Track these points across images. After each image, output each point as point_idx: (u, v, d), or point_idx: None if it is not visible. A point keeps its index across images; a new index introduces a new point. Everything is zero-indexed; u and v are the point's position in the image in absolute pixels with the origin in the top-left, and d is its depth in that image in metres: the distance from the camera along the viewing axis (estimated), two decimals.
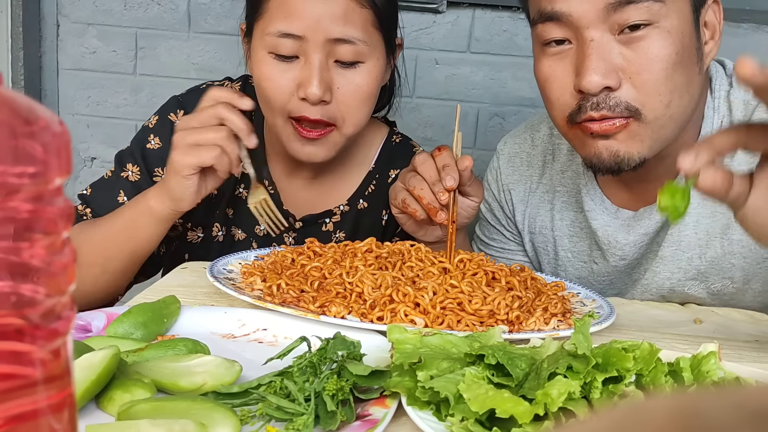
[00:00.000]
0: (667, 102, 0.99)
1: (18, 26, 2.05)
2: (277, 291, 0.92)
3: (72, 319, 0.39)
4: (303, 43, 1.10)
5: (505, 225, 1.33)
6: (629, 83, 0.98)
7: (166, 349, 0.73)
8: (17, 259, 0.36)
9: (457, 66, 2.01)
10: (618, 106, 0.98)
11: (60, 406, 0.38)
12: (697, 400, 0.21)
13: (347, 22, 1.11)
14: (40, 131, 0.36)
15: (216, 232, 1.29)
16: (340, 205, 1.30)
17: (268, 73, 1.13)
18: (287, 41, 1.10)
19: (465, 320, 0.86)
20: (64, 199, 0.38)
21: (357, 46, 1.12)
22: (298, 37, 1.10)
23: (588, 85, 0.97)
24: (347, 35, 1.11)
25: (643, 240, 1.16)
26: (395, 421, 0.64)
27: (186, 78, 2.07)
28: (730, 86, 1.11)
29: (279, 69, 1.12)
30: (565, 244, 1.25)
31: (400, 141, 1.35)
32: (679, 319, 1.04)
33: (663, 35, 0.96)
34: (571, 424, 0.24)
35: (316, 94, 1.09)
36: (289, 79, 1.12)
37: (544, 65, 1.03)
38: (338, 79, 1.13)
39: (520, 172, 1.30)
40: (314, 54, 1.10)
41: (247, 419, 0.62)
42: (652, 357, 0.65)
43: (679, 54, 0.97)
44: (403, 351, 0.66)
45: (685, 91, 1.00)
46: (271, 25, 1.11)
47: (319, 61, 1.10)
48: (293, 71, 1.12)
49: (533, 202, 1.29)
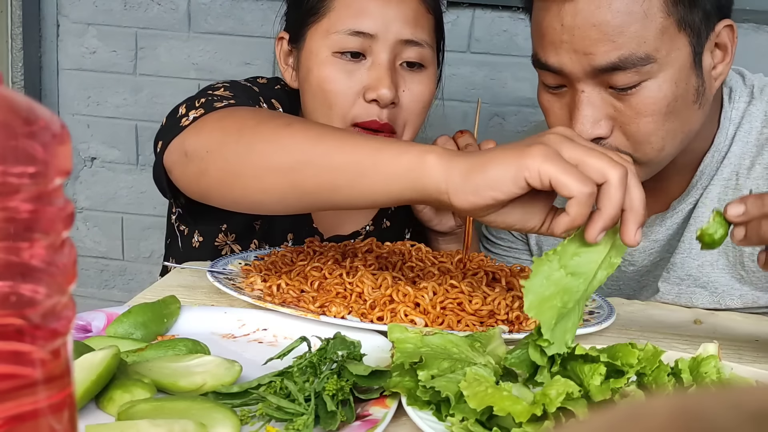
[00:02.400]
0: (660, 148, 0.99)
1: (18, 26, 2.05)
2: (277, 291, 0.92)
3: (72, 319, 0.39)
4: (373, 43, 1.08)
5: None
6: (620, 132, 0.98)
7: (166, 349, 0.73)
8: (17, 259, 0.36)
9: (457, 66, 2.01)
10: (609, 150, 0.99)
11: (60, 406, 0.38)
12: (697, 401, 0.21)
13: (417, 24, 1.10)
14: (40, 131, 0.36)
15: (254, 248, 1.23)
16: (366, 225, 1.28)
17: (333, 75, 1.09)
18: (357, 39, 1.07)
19: (465, 320, 0.86)
20: (64, 199, 0.38)
21: (424, 50, 1.11)
22: (369, 35, 1.07)
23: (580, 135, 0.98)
24: (417, 37, 1.09)
25: (653, 247, 1.16)
26: (395, 421, 0.64)
27: (186, 78, 2.07)
28: (751, 97, 1.10)
29: (345, 70, 1.09)
30: None
31: None
32: (679, 319, 1.04)
33: (654, 90, 0.95)
34: (571, 424, 0.24)
35: (388, 95, 1.06)
36: (356, 82, 1.08)
37: (544, 99, 1.04)
38: (403, 82, 1.10)
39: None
40: (384, 53, 1.08)
41: (247, 419, 0.62)
42: (656, 358, 0.65)
43: (671, 104, 0.96)
44: (404, 350, 0.66)
45: (679, 132, 0.99)
46: (339, 23, 1.08)
47: (388, 61, 1.08)
48: (360, 73, 1.08)
49: None
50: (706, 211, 1.10)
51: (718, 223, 0.76)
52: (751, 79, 1.12)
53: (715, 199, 1.10)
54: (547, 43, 0.97)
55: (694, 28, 0.95)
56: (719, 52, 1.01)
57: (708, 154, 1.09)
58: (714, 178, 1.09)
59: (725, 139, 1.09)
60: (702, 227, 0.77)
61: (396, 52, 1.09)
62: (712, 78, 1.01)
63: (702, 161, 1.09)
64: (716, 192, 1.10)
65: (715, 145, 1.09)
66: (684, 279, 1.14)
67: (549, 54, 0.97)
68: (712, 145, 1.09)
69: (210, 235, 1.26)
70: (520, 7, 1.12)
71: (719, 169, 1.09)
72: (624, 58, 0.93)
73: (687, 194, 1.12)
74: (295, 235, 1.25)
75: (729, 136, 1.09)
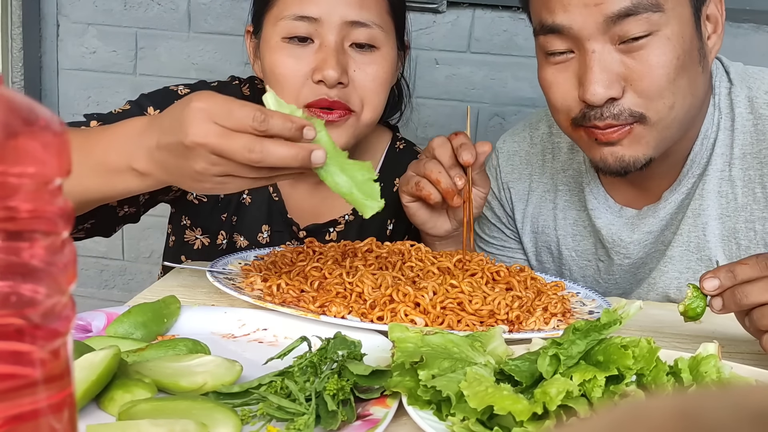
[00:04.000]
0: (671, 104, 0.99)
1: (18, 26, 2.05)
2: (277, 291, 0.92)
3: (72, 319, 0.39)
4: (318, 26, 1.10)
5: (506, 223, 1.33)
6: (632, 90, 0.98)
7: (166, 349, 0.73)
8: (17, 259, 0.36)
9: (457, 66, 2.01)
10: (622, 114, 0.99)
11: (60, 406, 0.38)
12: (697, 400, 0.21)
13: (363, 5, 1.11)
14: (40, 131, 0.36)
15: (221, 240, 1.27)
16: (345, 214, 1.29)
17: (282, 60, 1.12)
18: (302, 24, 1.10)
19: (465, 320, 0.86)
20: (64, 199, 0.38)
21: (372, 30, 1.12)
22: (313, 19, 1.10)
23: (592, 98, 0.98)
24: (363, 18, 1.11)
25: (647, 239, 1.16)
26: (396, 420, 0.64)
27: (186, 78, 2.06)
28: (730, 83, 1.11)
29: (293, 54, 1.11)
30: (568, 243, 1.25)
31: (404, 147, 1.34)
32: (679, 319, 1.04)
33: (663, 42, 0.96)
34: (572, 423, 0.24)
35: (333, 76, 1.08)
36: (304, 64, 1.11)
37: (548, 73, 1.04)
38: (354, 63, 1.12)
39: (519, 171, 1.30)
40: (330, 36, 1.10)
41: (248, 419, 0.62)
42: (652, 355, 0.65)
43: (680, 58, 0.97)
44: (404, 350, 0.66)
45: (688, 92, 1.00)
46: (286, 9, 1.11)
47: (335, 43, 1.10)
48: (308, 56, 1.11)
49: (534, 201, 1.29)
50: (703, 205, 1.10)
51: (696, 297, 0.83)
52: (727, 65, 1.13)
53: (712, 192, 1.10)
54: (555, 2, 0.98)
55: None
56: (710, 24, 1.03)
57: (697, 141, 1.10)
58: (708, 169, 1.10)
59: (711, 124, 1.10)
60: (684, 303, 0.84)
61: (343, 34, 1.11)
62: (708, 47, 1.03)
63: (692, 149, 1.10)
64: (712, 184, 1.10)
65: (702, 132, 1.10)
66: (683, 272, 1.14)
67: (557, 13, 0.98)
68: (700, 132, 1.10)
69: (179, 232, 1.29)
70: (520, 7, 1.12)
71: (710, 159, 1.10)
72: (636, 2, 0.94)
73: (678, 184, 1.12)
74: (270, 227, 1.27)
75: (715, 122, 1.10)
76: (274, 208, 1.27)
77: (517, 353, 0.72)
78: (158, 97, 1.18)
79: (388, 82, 1.17)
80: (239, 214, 1.27)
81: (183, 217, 1.28)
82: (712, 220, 1.11)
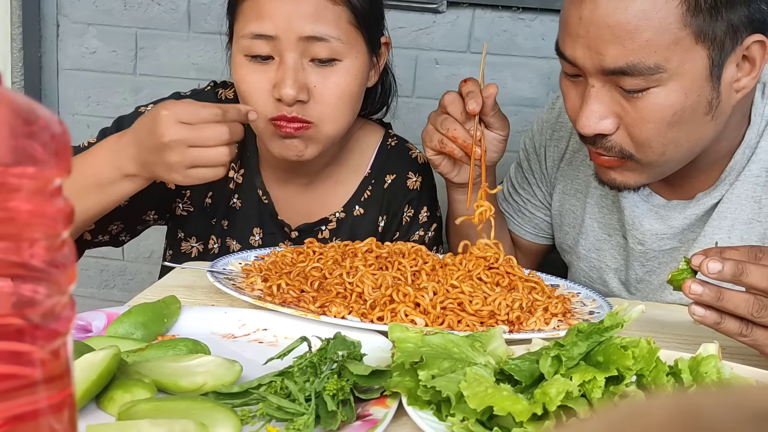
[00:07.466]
0: (660, 153, 1.00)
1: (18, 26, 2.05)
2: (278, 291, 0.92)
3: (72, 319, 0.39)
4: (276, 43, 1.10)
5: (537, 178, 1.34)
6: (625, 131, 0.99)
7: (166, 349, 0.73)
8: (17, 259, 0.36)
9: (457, 66, 2.01)
10: (613, 148, 1.01)
11: (60, 406, 0.38)
12: (697, 401, 0.21)
13: (318, 19, 1.10)
14: (40, 131, 0.36)
15: (212, 244, 1.28)
16: (336, 212, 1.29)
17: (245, 76, 1.13)
18: (260, 42, 1.10)
19: (465, 320, 0.86)
20: (64, 199, 0.38)
21: (331, 44, 1.11)
22: (270, 37, 1.09)
23: (581, 130, 1.00)
24: (319, 33, 1.10)
25: (667, 232, 1.16)
26: (396, 421, 0.64)
27: (186, 78, 2.07)
28: None
29: (255, 71, 1.12)
30: (594, 213, 1.25)
31: (396, 144, 1.33)
32: (679, 319, 1.04)
33: (662, 97, 0.95)
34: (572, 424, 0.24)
35: (290, 94, 1.08)
36: (265, 81, 1.11)
37: (563, 83, 1.06)
38: (314, 78, 1.11)
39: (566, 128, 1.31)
40: (288, 53, 1.09)
41: (248, 419, 0.62)
42: (652, 356, 0.65)
43: (677, 113, 0.96)
44: (404, 350, 0.66)
45: (684, 141, 0.99)
46: (245, 27, 1.11)
47: (293, 60, 1.09)
48: (269, 72, 1.11)
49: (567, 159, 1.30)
50: (731, 208, 1.10)
51: (685, 270, 0.83)
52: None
53: (743, 196, 1.09)
54: (567, 34, 0.99)
55: (716, 41, 0.93)
56: (747, 65, 0.98)
57: (738, 150, 1.09)
58: (741, 174, 1.09)
59: (756, 135, 1.09)
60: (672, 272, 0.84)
61: (301, 50, 1.10)
62: (732, 90, 0.99)
63: (732, 157, 1.09)
64: (744, 189, 1.09)
65: (745, 141, 1.09)
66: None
67: (566, 45, 0.99)
68: (743, 141, 1.09)
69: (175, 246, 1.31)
70: (520, 7, 1.12)
71: (747, 165, 1.09)
72: (632, 65, 0.93)
73: (714, 188, 1.11)
74: (262, 230, 1.28)
75: (759, 131, 1.09)
76: (265, 211, 1.27)
77: (518, 353, 0.72)
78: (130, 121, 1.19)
79: (354, 93, 1.16)
80: (230, 219, 1.28)
81: (177, 231, 1.30)
82: (740, 223, 1.10)
